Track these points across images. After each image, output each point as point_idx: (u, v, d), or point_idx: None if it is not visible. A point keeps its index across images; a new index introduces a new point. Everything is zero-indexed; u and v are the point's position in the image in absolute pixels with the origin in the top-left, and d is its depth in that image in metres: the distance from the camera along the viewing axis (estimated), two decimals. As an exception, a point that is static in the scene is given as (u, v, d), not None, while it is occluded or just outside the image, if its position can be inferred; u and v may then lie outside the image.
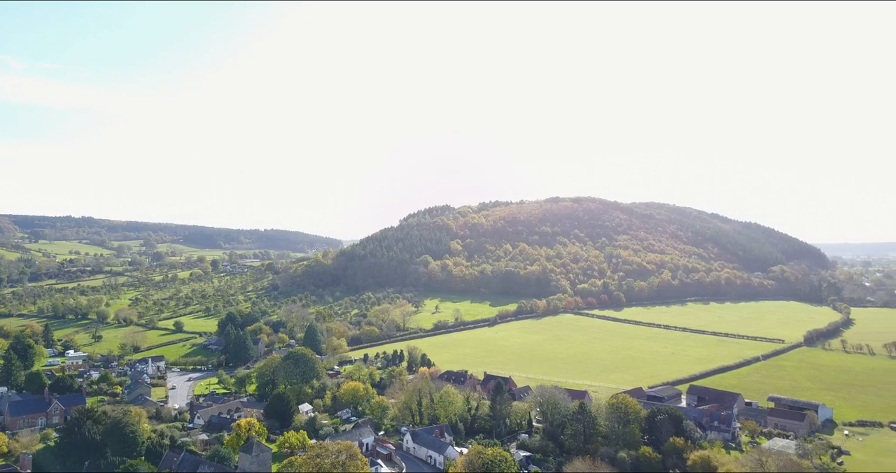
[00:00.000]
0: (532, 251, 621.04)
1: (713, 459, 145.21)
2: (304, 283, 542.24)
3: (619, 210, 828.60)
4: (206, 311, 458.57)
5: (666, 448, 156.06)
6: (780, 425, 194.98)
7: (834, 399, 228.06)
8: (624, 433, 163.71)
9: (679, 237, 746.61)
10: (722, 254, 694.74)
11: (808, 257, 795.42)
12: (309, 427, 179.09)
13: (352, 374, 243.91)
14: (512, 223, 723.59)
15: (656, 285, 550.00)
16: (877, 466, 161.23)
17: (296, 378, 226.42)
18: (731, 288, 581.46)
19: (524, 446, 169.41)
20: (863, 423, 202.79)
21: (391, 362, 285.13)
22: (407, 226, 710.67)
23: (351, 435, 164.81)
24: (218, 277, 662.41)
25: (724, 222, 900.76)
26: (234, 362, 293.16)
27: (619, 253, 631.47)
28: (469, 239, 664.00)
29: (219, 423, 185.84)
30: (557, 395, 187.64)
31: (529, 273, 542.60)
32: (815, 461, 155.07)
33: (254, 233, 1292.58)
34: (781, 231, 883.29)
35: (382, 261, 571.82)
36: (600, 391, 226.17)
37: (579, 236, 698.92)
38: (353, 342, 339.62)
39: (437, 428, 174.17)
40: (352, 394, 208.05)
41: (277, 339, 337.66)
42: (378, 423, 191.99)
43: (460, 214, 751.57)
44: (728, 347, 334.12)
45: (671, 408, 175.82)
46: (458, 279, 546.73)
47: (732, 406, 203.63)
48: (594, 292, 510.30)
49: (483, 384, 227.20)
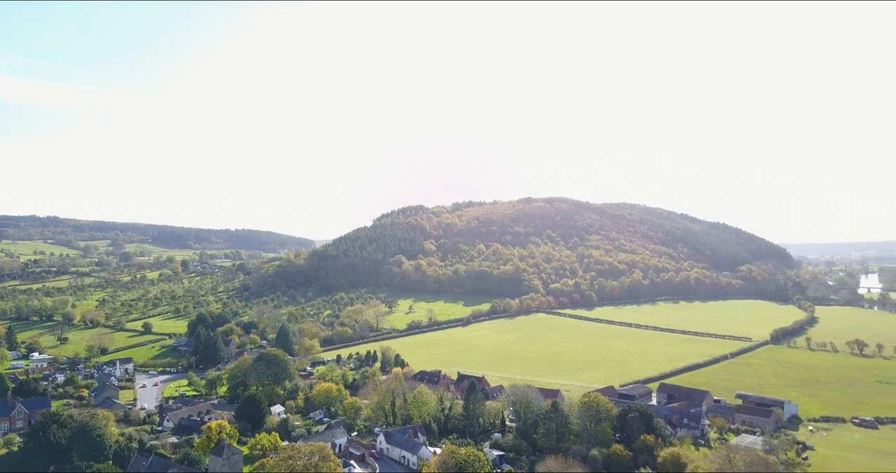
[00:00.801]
0: (505, 251, 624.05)
1: (683, 456, 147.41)
2: (276, 284, 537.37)
3: (591, 210, 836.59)
4: (175, 312, 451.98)
5: (637, 446, 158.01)
6: (747, 421, 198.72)
7: (799, 396, 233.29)
8: (596, 431, 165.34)
9: (650, 237, 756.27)
10: (691, 254, 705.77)
11: (775, 257, 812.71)
12: (281, 428, 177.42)
13: (325, 375, 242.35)
14: (486, 223, 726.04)
15: (627, 285, 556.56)
16: (840, 460, 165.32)
17: (268, 379, 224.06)
18: (700, 288, 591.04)
19: (497, 445, 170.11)
20: (826, 419, 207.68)
21: (364, 363, 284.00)
22: (380, 225, 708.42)
23: (324, 436, 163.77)
24: (188, 278, 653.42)
25: (693, 222, 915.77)
26: (204, 364, 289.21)
27: (590, 253, 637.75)
28: (443, 239, 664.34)
29: (189, 426, 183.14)
30: (530, 394, 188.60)
31: (503, 273, 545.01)
32: (780, 456, 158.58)
33: (224, 233, 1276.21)
34: (748, 231, 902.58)
35: (355, 261, 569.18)
36: (573, 390, 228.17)
37: (552, 236, 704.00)
38: (325, 343, 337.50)
39: (411, 429, 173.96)
40: (325, 395, 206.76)
41: (249, 340, 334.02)
42: (351, 424, 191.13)
43: (434, 214, 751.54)
44: (697, 345, 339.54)
45: (642, 406, 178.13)
46: (432, 279, 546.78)
47: (701, 403, 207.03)
48: (566, 292, 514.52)
49: (457, 384, 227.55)
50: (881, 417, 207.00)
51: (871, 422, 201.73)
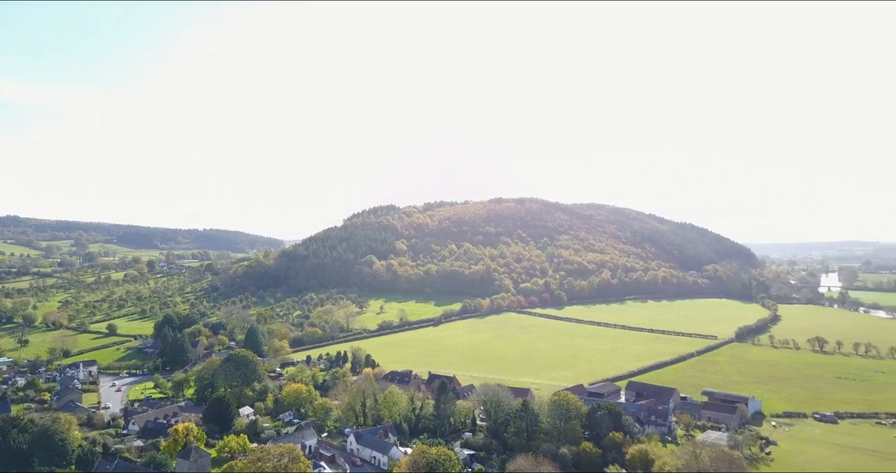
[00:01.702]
0: (476, 251, 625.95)
1: (650, 452, 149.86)
2: (245, 284, 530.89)
3: (561, 210, 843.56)
4: (141, 313, 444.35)
5: (606, 443, 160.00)
6: (713, 418, 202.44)
7: (763, 392, 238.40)
8: (565, 429, 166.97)
9: (618, 237, 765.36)
10: (659, 254, 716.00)
11: (739, 257, 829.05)
12: (250, 430, 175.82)
13: (294, 376, 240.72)
14: (457, 223, 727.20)
15: (596, 284, 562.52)
16: (801, 455, 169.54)
17: (236, 380, 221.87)
18: (667, 287, 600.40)
19: (468, 444, 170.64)
20: (789, 414, 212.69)
21: (335, 363, 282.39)
22: (351, 225, 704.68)
23: (293, 438, 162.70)
24: (154, 278, 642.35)
25: (661, 222, 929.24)
26: (171, 365, 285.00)
27: (560, 253, 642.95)
28: (414, 239, 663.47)
29: (155, 429, 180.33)
30: (501, 393, 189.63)
31: (474, 272, 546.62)
32: (745, 451, 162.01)
33: (192, 233, 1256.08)
34: (714, 231, 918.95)
35: (326, 262, 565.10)
36: (543, 388, 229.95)
37: (522, 236, 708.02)
38: (295, 343, 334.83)
39: (382, 429, 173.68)
40: (294, 396, 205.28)
41: (217, 341, 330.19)
42: (321, 425, 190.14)
43: (406, 214, 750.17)
44: (665, 344, 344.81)
45: (611, 404, 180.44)
46: (404, 279, 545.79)
47: (669, 400, 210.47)
48: (536, 291, 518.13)
49: (428, 383, 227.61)
50: (840, 412, 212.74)
51: (831, 417, 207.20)
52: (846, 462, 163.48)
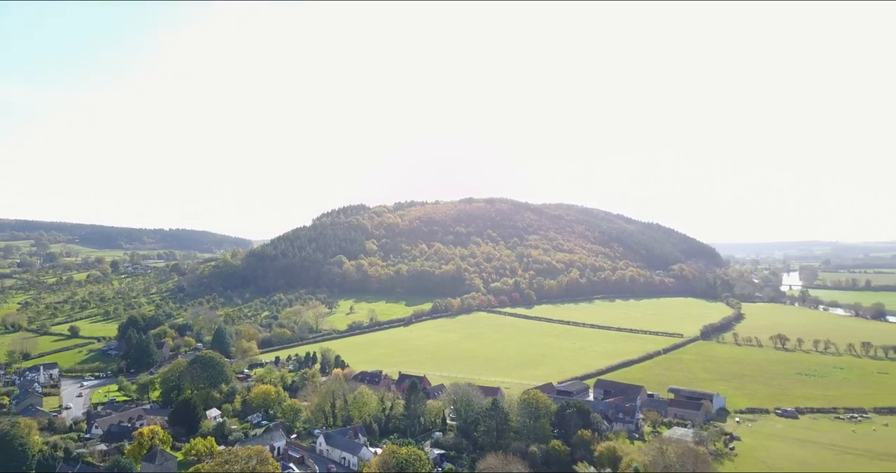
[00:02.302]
0: (447, 251, 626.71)
1: (618, 449, 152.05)
2: (212, 285, 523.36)
3: (530, 210, 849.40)
4: (104, 315, 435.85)
5: (574, 441, 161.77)
6: (679, 414, 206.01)
7: (727, 389, 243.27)
8: (535, 427, 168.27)
9: (587, 237, 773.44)
10: (627, 253, 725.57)
11: (704, 256, 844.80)
12: (217, 432, 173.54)
13: (263, 377, 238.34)
14: (428, 223, 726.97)
15: (565, 283, 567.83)
16: (764, 449, 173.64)
17: (203, 382, 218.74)
18: (635, 286, 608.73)
19: (438, 444, 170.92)
20: (752, 410, 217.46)
21: (304, 364, 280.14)
22: (320, 225, 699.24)
23: (262, 440, 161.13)
24: (118, 279, 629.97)
25: (628, 222, 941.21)
26: (135, 368, 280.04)
27: (529, 253, 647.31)
28: (385, 239, 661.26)
29: (119, 432, 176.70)
30: (471, 393, 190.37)
31: (444, 272, 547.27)
32: (710, 447, 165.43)
33: (158, 233, 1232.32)
34: (680, 231, 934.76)
35: (295, 262, 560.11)
36: (512, 387, 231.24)
37: (492, 236, 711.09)
38: (264, 344, 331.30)
39: (351, 429, 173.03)
40: (263, 398, 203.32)
41: (183, 343, 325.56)
42: (290, 426, 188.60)
43: (376, 214, 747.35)
44: (632, 342, 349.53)
45: (579, 402, 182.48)
46: (374, 279, 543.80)
47: (636, 398, 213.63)
48: (506, 290, 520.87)
49: (398, 383, 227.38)
50: (801, 407, 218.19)
51: (792, 413, 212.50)
52: (806, 456, 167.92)
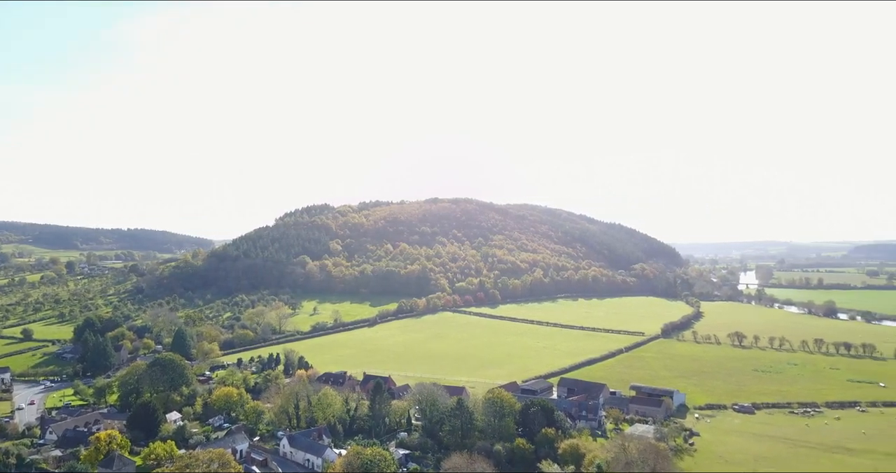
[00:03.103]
0: (412, 251, 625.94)
1: (581, 446, 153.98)
2: (173, 286, 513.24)
3: (495, 211, 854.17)
4: (59, 317, 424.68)
5: (539, 439, 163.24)
6: (640, 411, 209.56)
7: (686, 386, 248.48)
8: (499, 426, 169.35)
9: (550, 237, 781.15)
10: (589, 253, 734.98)
11: (665, 256, 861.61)
12: (178, 436, 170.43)
13: (225, 379, 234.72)
14: (393, 223, 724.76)
15: (529, 283, 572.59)
16: (722, 444, 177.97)
17: (163, 385, 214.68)
18: (597, 285, 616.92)
19: (403, 444, 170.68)
20: (710, 406, 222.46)
21: (267, 366, 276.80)
22: (283, 225, 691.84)
23: (224, 443, 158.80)
24: (74, 280, 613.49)
25: (591, 223, 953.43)
26: (92, 371, 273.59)
27: (494, 253, 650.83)
28: (349, 239, 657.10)
29: (75, 437, 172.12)
30: (436, 392, 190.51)
31: (410, 272, 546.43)
32: (670, 443, 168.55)
33: (115, 233, 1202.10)
34: (642, 231, 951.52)
35: (257, 262, 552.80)
36: (477, 386, 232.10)
37: (457, 236, 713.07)
38: (226, 346, 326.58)
39: (316, 431, 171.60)
40: (224, 400, 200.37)
41: (142, 345, 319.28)
42: (253, 429, 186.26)
43: (340, 214, 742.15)
44: (595, 341, 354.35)
45: (543, 401, 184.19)
46: (338, 279, 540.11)
47: (599, 396, 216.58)
48: (471, 290, 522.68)
49: (363, 384, 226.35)
50: (757, 403, 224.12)
51: (748, 408, 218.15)
52: (762, 450, 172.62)
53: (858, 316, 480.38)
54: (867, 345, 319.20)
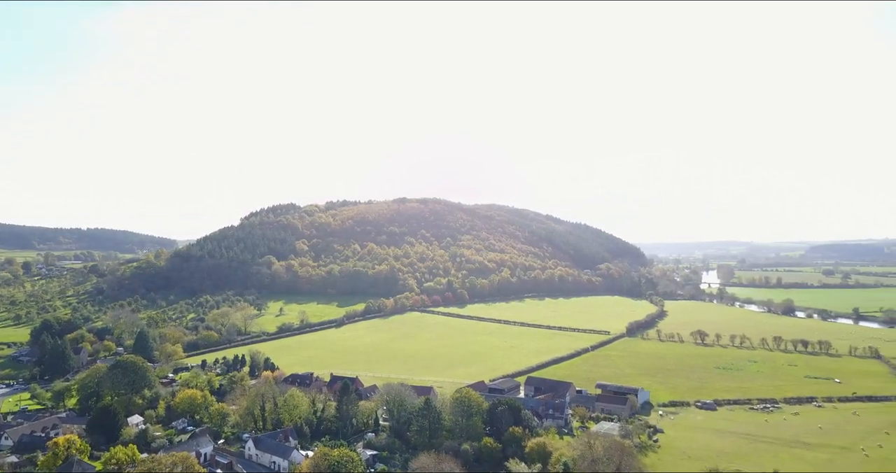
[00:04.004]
0: (380, 251, 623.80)
1: (548, 445, 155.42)
2: (134, 287, 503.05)
3: (463, 211, 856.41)
4: (15, 319, 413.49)
5: (506, 438, 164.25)
6: (606, 409, 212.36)
7: (651, 383, 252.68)
8: (467, 425, 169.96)
9: (517, 237, 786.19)
10: (556, 253, 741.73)
11: (630, 255, 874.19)
12: (140, 440, 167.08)
13: (188, 382, 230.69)
14: (360, 223, 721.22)
15: (497, 282, 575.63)
16: (685, 440, 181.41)
17: (124, 388, 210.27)
18: (563, 285, 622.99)
19: (371, 445, 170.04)
20: (674, 403, 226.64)
21: (232, 367, 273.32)
22: (249, 225, 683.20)
23: (187, 446, 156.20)
24: (31, 281, 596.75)
25: (557, 223, 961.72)
26: (50, 374, 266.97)
27: (462, 253, 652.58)
28: (316, 239, 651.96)
29: (31, 443, 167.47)
30: (404, 393, 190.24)
31: (378, 272, 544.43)
32: (635, 440, 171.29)
33: (75, 233, 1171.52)
34: (607, 231, 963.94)
35: (222, 262, 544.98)
36: (445, 386, 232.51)
37: (426, 236, 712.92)
38: (189, 348, 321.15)
39: (282, 433, 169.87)
40: (188, 403, 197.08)
41: (103, 348, 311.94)
42: (218, 431, 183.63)
43: (307, 213, 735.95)
44: (561, 339, 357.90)
45: (511, 400, 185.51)
46: (305, 280, 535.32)
47: (565, 394, 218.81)
48: (439, 290, 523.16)
49: (330, 385, 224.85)
50: (719, 400, 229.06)
51: (710, 405, 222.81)
52: (724, 445, 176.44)
53: (815, 314, 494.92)
54: (823, 342, 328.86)
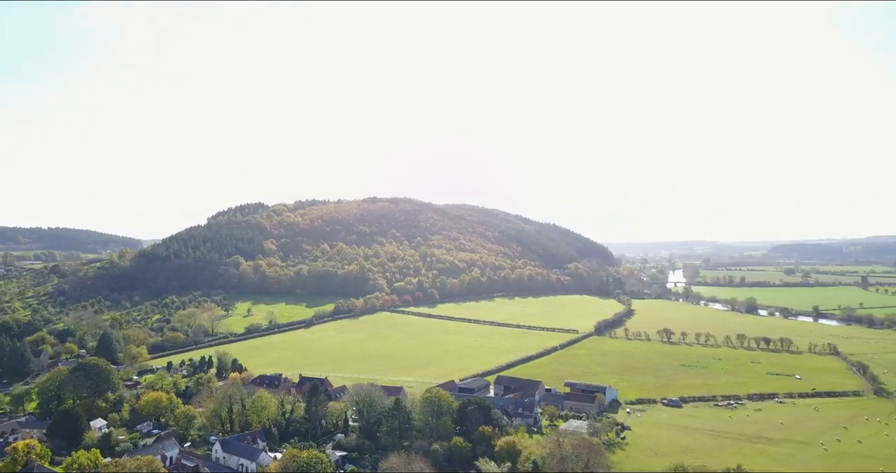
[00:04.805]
0: (350, 250, 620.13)
1: (518, 443, 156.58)
2: (98, 287, 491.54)
3: (433, 211, 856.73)
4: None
5: (476, 437, 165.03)
6: (574, 407, 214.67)
7: (619, 381, 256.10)
8: (437, 425, 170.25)
9: (487, 237, 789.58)
10: (525, 253, 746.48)
11: (598, 255, 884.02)
12: (103, 444, 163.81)
13: (154, 384, 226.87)
14: (330, 222, 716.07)
15: (467, 282, 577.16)
16: (652, 437, 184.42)
17: (87, 391, 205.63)
18: (533, 284, 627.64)
19: (340, 446, 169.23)
20: (641, 401, 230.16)
21: (199, 369, 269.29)
22: (216, 224, 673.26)
23: (152, 449, 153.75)
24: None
25: (526, 223, 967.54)
26: (9, 378, 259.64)
27: (433, 253, 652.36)
28: (284, 239, 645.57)
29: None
30: (374, 393, 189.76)
31: (347, 272, 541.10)
32: (603, 437, 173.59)
33: (35, 232, 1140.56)
34: (575, 231, 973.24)
35: (188, 262, 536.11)
36: (415, 386, 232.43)
37: (396, 236, 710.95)
38: (155, 349, 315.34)
39: (250, 435, 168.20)
40: (154, 405, 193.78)
41: (64, 350, 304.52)
42: (184, 434, 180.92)
43: (275, 213, 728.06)
44: (531, 338, 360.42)
45: (480, 399, 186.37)
46: (273, 280, 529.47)
47: (534, 393, 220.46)
48: (410, 290, 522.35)
49: (299, 386, 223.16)
50: (684, 397, 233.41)
51: (676, 402, 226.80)
52: (689, 441, 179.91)
53: (777, 312, 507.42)
54: (784, 340, 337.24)
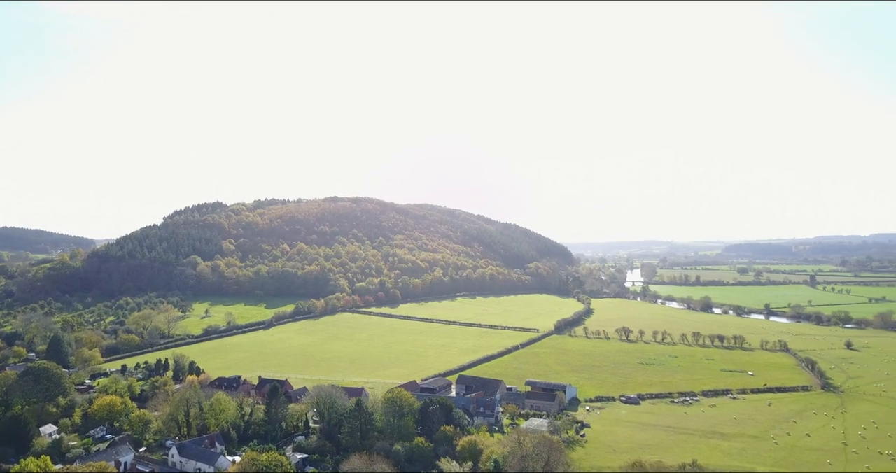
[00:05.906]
0: (311, 250, 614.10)
1: (479, 442, 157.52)
2: (48, 289, 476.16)
3: (396, 211, 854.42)
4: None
5: (438, 437, 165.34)
6: (535, 406, 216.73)
7: (578, 380, 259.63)
8: (399, 426, 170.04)
9: (450, 237, 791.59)
10: (487, 252, 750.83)
11: (558, 255, 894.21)
12: (54, 450, 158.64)
13: (107, 388, 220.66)
14: (290, 222, 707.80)
15: (429, 282, 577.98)
16: (610, 434, 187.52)
17: (36, 396, 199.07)
18: (494, 284, 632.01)
19: (301, 448, 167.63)
20: (600, 399, 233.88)
21: (155, 372, 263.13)
22: (172, 224, 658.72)
23: (106, 455, 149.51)
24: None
25: (488, 223, 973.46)
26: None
27: (395, 252, 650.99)
28: (243, 239, 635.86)
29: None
30: (334, 394, 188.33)
31: (308, 273, 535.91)
32: (563, 435, 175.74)
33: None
34: (536, 231, 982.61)
35: (143, 263, 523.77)
36: (377, 387, 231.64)
37: (358, 236, 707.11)
38: (108, 352, 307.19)
39: (207, 438, 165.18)
40: (107, 410, 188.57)
41: (12, 353, 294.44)
42: (139, 439, 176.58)
43: (233, 212, 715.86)
44: (492, 338, 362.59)
45: (442, 398, 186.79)
46: (231, 281, 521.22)
47: (496, 392, 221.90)
48: (372, 290, 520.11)
49: (258, 388, 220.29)
50: (642, 394, 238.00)
51: (634, 399, 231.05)
52: (647, 437, 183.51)
53: (730, 310, 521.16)
54: (738, 337, 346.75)
